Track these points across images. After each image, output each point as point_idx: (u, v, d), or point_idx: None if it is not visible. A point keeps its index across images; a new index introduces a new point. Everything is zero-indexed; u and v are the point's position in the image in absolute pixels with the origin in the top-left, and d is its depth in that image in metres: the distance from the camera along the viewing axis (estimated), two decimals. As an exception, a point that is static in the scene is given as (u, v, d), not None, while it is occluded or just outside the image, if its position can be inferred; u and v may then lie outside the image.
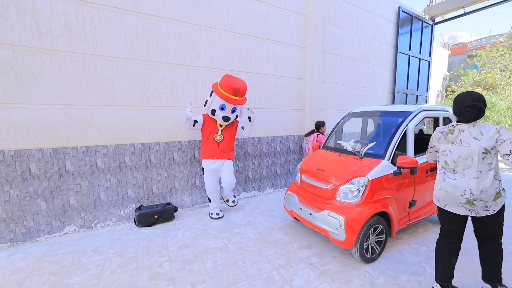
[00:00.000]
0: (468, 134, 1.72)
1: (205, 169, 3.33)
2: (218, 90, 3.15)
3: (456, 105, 1.77)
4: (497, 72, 14.01)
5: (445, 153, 1.83)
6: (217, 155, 3.31)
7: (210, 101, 3.20)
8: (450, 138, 1.81)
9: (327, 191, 2.52)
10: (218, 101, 3.16)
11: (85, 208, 3.02)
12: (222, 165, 3.38)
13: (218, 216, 3.44)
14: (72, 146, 2.89)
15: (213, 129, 3.30)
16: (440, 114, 2.95)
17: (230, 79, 3.17)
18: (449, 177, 1.81)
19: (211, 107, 3.22)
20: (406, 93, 6.82)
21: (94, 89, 2.96)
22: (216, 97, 3.16)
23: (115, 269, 2.30)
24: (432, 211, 3.00)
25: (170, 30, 3.35)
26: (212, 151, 3.29)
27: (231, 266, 2.36)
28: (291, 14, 4.41)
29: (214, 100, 3.18)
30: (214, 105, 3.19)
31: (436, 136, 1.92)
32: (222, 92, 3.13)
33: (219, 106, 3.17)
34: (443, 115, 2.99)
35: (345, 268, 2.33)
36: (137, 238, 2.90)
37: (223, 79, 3.20)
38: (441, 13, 6.87)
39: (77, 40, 2.80)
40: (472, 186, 1.68)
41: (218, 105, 3.17)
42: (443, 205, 1.88)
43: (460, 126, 1.78)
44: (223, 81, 3.17)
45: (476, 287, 2.09)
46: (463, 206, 1.76)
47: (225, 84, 3.13)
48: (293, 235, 2.96)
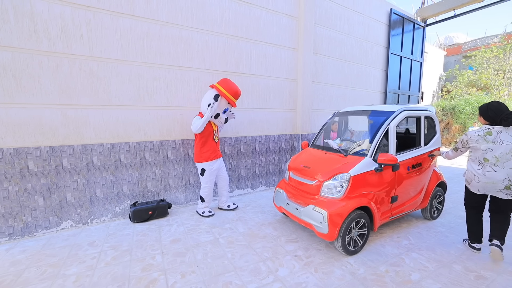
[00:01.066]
0: (506, 135, 2.21)
1: (207, 169, 3.37)
2: (226, 94, 3.29)
3: (496, 113, 2.25)
4: (491, 72, 14.19)
5: (487, 151, 2.27)
6: (218, 155, 3.50)
7: (217, 105, 3.26)
8: (490, 139, 2.26)
9: (312, 187, 2.64)
10: (224, 105, 3.36)
11: (82, 204, 3.14)
12: (220, 163, 3.56)
13: (211, 214, 3.54)
14: (69, 144, 3.00)
15: (211, 130, 3.39)
16: (422, 114, 3.08)
17: (234, 85, 3.37)
18: (488, 170, 2.28)
19: (216, 111, 3.31)
20: (398, 93, 6.96)
21: (90, 90, 3.07)
22: (222, 101, 3.31)
23: (109, 261, 2.42)
24: (415, 206, 3.13)
25: (164, 32, 3.46)
26: (215, 151, 3.43)
27: (220, 258, 2.48)
28: (283, 17, 4.53)
29: (220, 104, 3.31)
30: (219, 109, 3.34)
31: (474, 139, 2.34)
32: (230, 97, 3.32)
33: (223, 109, 3.39)
34: (425, 114, 3.12)
35: (329, 260, 2.45)
36: (132, 233, 3.01)
37: (227, 84, 3.31)
38: (433, 15, 7.02)
39: (74, 42, 2.91)
40: (510, 174, 2.20)
41: (222, 108, 3.38)
42: (483, 192, 2.39)
43: (496, 128, 2.25)
44: (229, 86, 3.30)
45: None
46: (502, 191, 2.26)
47: (233, 90, 3.32)
48: (282, 229, 3.09)
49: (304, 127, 4.95)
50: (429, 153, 3.17)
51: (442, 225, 3.23)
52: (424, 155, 3.11)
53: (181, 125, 3.74)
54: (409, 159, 2.91)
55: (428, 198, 3.20)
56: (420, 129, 3.11)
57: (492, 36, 17.30)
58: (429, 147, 3.18)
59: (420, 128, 3.11)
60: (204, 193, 3.48)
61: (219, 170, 3.56)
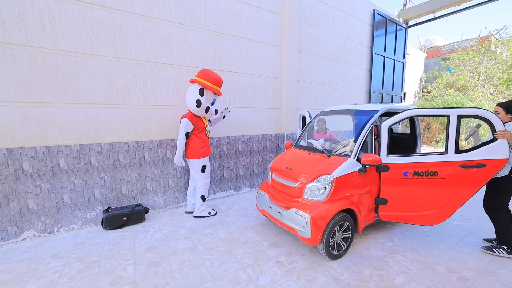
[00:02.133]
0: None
1: (207, 165, 3.36)
2: (210, 85, 3.14)
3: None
4: (467, 74, 14.84)
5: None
6: (210, 150, 3.44)
7: (204, 100, 3.13)
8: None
9: (295, 189, 2.54)
10: (210, 97, 3.23)
11: (46, 212, 2.86)
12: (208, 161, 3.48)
13: (214, 213, 3.51)
14: (30, 146, 2.72)
15: (203, 126, 3.29)
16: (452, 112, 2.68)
17: (213, 73, 3.20)
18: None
19: (205, 105, 3.17)
20: (382, 93, 7.05)
21: (55, 86, 2.80)
22: (208, 94, 3.17)
23: (74, 275, 2.19)
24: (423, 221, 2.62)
25: (139, 26, 3.24)
26: (208, 147, 3.39)
27: (197, 267, 2.32)
28: (267, 13, 4.41)
29: (207, 97, 3.18)
30: (208, 102, 3.20)
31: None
32: (214, 87, 3.18)
33: (211, 101, 3.26)
34: (459, 113, 2.64)
35: (312, 265, 2.36)
36: (103, 242, 2.78)
37: (207, 75, 3.16)
38: (414, 16, 7.16)
39: (34, 33, 2.63)
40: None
41: (210, 100, 3.24)
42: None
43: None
44: (208, 76, 3.15)
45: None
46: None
47: (213, 79, 3.17)
48: (265, 234, 2.97)
49: (289, 127, 4.86)
50: (465, 163, 2.40)
51: (425, 225, 3.23)
52: (447, 164, 2.44)
53: (159, 124, 3.52)
54: (408, 163, 2.52)
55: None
56: (448, 132, 2.47)
57: (468, 40, 18.14)
58: (464, 156, 2.40)
59: (448, 131, 2.47)
60: (205, 190, 3.39)
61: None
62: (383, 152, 2.58)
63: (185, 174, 3.81)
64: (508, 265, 2.35)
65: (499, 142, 2.35)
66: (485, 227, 3.16)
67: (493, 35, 16.50)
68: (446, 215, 2.55)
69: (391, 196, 2.64)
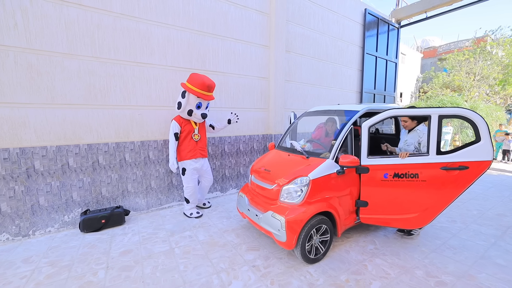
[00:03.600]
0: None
1: (187, 169, 3.31)
2: (192, 89, 3.14)
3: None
4: (463, 75, 14.84)
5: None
6: (197, 154, 3.36)
7: (185, 102, 3.15)
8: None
9: (272, 192, 2.48)
10: (194, 100, 3.18)
11: (21, 215, 2.80)
12: (203, 164, 3.47)
13: (199, 215, 3.46)
14: (2, 147, 2.66)
15: (190, 129, 3.31)
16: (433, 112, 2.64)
17: (201, 77, 3.20)
18: None
19: (186, 108, 3.18)
20: (374, 93, 7.00)
21: (29, 86, 2.74)
22: (191, 97, 3.16)
23: (41, 281, 2.13)
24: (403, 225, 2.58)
25: (119, 25, 3.18)
26: (192, 150, 3.31)
27: (170, 271, 2.26)
28: (253, 12, 4.36)
29: (189, 100, 3.17)
30: (190, 105, 3.18)
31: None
32: (197, 90, 3.15)
33: (195, 105, 3.20)
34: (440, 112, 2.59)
35: (288, 269, 2.30)
36: (78, 245, 2.72)
37: (193, 78, 3.19)
38: (406, 16, 7.13)
39: (6, 32, 2.57)
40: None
41: (194, 104, 3.19)
42: None
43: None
44: (194, 79, 3.17)
45: None
46: None
47: (198, 82, 3.15)
48: (245, 237, 2.91)
49: (277, 127, 4.81)
50: (446, 165, 2.34)
51: (409, 227, 3.18)
52: (428, 166, 2.38)
53: (141, 125, 3.47)
54: (388, 165, 2.47)
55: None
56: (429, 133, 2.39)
57: (464, 40, 18.16)
58: (446, 158, 2.36)
59: (429, 132, 2.39)
60: (188, 193, 3.38)
61: (204, 170, 3.51)
62: (363, 153, 2.53)
63: (168, 176, 3.75)
64: (489, 269, 2.30)
65: (482, 143, 2.28)
66: (469, 229, 3.12)
67: (488, 36, 16.52)
68: (428, 219, 2.50)
69: (371, 198, 2.58)
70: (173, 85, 3.65)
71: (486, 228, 3.13)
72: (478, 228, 3.13)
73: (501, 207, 3.88)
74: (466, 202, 4.06)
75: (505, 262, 2.41)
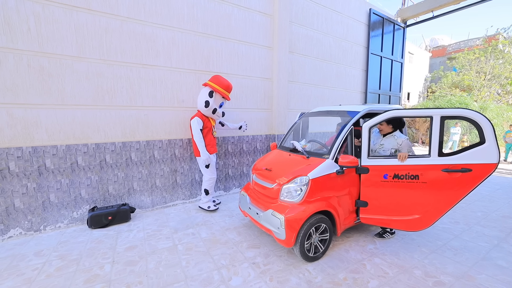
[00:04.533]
0: None
1: (212, 161, 3.62)
2: (219, 89, 3.49)
3: None
4: (473, 74, 14.52)
5: None
6: (216, 149, 3.74)
7: (212, 101, 3.45)
8: None
9: (272, 191, 2.54)
10: (219, 100, 3.54)
11: (33, 211, 2.93)
12: (214, 158, 3.78)
13: (216, 208, 3.69)
14: (16, 146, 2.79)
15: (210, 126, 3.59)
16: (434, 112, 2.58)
17: (225, 79, 3.58)
18: None
19: (213, 106, 3.48)
20: (379, 94, 6.96)
21: (41, 88, 2.87)
22: (217, 97, 3.49)
23: (52, 273, 2.24)
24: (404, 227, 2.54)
25: (125, 28, 3.29)
26: (214, 146, 3.68)
27: (173, 266, 2.34)
28: (257, 14, 4.42)
29: (216, 99, 3.49)
30: (215, 104, 3.51)
31: None
32: (223, 91, 3.52)
33: (219, 104, 3.56)
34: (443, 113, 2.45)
35: (287, 267, 2.35)
36: (86, 240, 2.83)
37: (218, 80, 3.52)
38: (412, 16, 7.05)
39: (20, 36, 2.71)
40: None
41: (218, 103, 3.55)
42: None
43: None
44: (220, 81, 3.52)
45: None
46: None
47: (224, 84, 3.54)
48: (246, 235, 2.97)
49: (280, 128, 4.85)
50: (448, 167, 2.30)
51: (411, 228, 3.17)
52: (429, 167, 2.36)
53: (146, 125, 3.57)
54: (388, 166, 2.47)
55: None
56: (431, 134, 2.37)
57: (475, 38, 17.74)
58: (448, 159, 2.32)
59: (431, 133, 2.37)
60: (210, 185, 3.64)
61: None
62: (363, 153, 2.55)
63: (172, 175, 3.85)
64: (489, 270, 2.30)
65: (487, 144, 2.21)
66: (472, 230, 3.09)
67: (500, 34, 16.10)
68: (429, 221, 2.46)
69: (371, 199, 2.60)
70: (177, 86, 3.74)
71: (489, 230, 3.10)
72: (481, 230, 3.10)
73: (507, 209, 3.82)
74: (471, 204, 4.01)
75: (507, 263, 2.40)
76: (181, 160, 3.90)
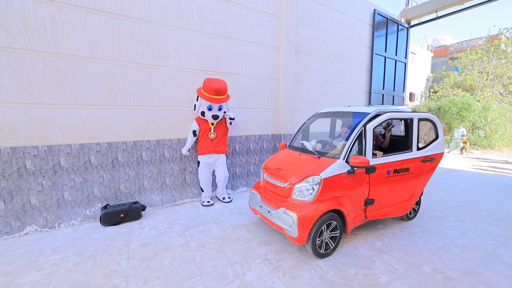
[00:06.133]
0: None
1: (201, 162, 3.76)
2: (202, 93, 3.57)
3: None
4: (475, 74, 14.53)
5: None
6: (211, 151, 3.77)
7: (198, 105, 3.62)
8: None
9: (284, 189, 2.59)
10: (204, 103, 3.59)
11: (48, 208, 3.00)
12: (217, 159, 3.84)
13: (209, 204, 3.86)
14: (32, 145, 2.86)
15: (207, 128, 3.74)
16: (414, 115, 3.00)
17: (210, 82, 3.56)
18: None
19: (200, 110, 3.64)
20: (383, 94, 7.01)
21: (56, 88, 2.94)
22: (202, 100, 3.58)
23: (70, 268, 2.31)
24: (402, 211, 3.03)
25: (137, 29, 3.35)
26: (206, 147, 3.75)
27: (187, 262, 2.40)
28: (264, 15, 4.47)
29: (201, 103, 3.60)
30: (202, 107, 3.62)
31: None
32: (206, 95, 3.55)
33: (206, 107, 3.60)
34: (419, 116, 3.04)
35: (299, 263, 2.41)
36: (100, 237, 2.90)
37: (204, 83, 3.59)
38: (416, 16, 7.09)
39: (37, 38, 2.77)
40: None
41: (205, 106, 3.60)
42: None
43: None
44: (205, 84, 3.58)
45: None
46: None
47: (206, 87, 3.55)
48: (256, 232, 3.03)
49: (286, 127, 4.91)
50: (424, 158, 3.02)
51: (417, 226, 3.23)
52: (415, 160, 2.96)
53: (157, 125, 3.63)
54: (390, 162, 2.78)
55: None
56: (412, 132, 2.98)
57: (477, 38, 17.73)
58: (424, 152, 3.04)
59: (412, 132, 2.98)
60: (201, 183, 3.85)
61: (216, 165, 3.86)
62: (368, 153, 2.64)
63: (182, 174, 3.91)
64: (497, 266, 2.35)
65: (440, 139, 3.14)
66: (478, 228, 3.14)
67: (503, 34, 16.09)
68: (412, 203, 3.10)
69: (377, 195, 2.77)
70: (187, 86, 3.80)
71: (495, 228, 3.15)
72: (487, 228, 3.16)
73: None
74: (476, 203, 4.07)
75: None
76: (190, 159, 3.97)
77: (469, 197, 4.37)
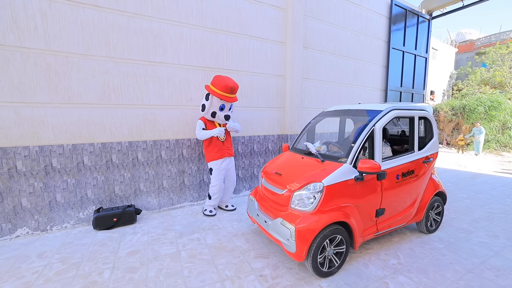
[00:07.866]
0: None
1: (215, 169, 3.37)
2: (215, 91, 3.19)
3: None
4: (506, 70, 13.37)
5: None
6: (225, 154, 3.42)
7: (209, 104, 3.24)
8: None
9: (282, 197, 2.31)
10: (217, 103, 3.23)
11: (39, 210, 2.91)
12: (229, 163, 3.49)
13: (212, 214, 3.47)
14: (23, 145, 2.77)
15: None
16: (415, 113, 2.68)
17: (224, 79, 3.22)
18: None
19: (210, 110, 3.26)
20: (400, 91, 6.49)
21: (48, 86, 2.83)
22: (214, 99, 3.22)
23: (50, 277, 2.16)
24: (408, 219, 2.74)
25: (132, 24, 3.19)
26: (220, 151, 3.38)
27: (174, 276, 2.18)
28: (269, 8, 4.19)
29: (213, 102, 3.23)
30: (213, 107, 3.25)
31: None
32: (220, 93, 3.19)
33: (218, 107, 3.26)
34: (419, 114, 2.72)
35: (298, 282, 2.11)
36: (90, 242, 2.76)
37: (216, 80, 3.23)
38: (439, 6, 6.50)
39: (27, 34, 2.67)
40: None
41: (217, 106, 3.25)
42: None
43: None
44: (218, 82, 3.21)
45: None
46: None
47: (221, 85, 3.18)
48: (254, 242, 2.76)
49: (293, 127, 4.59)
50: (425, 159, 2.77)
51: (440, 240, 2.82)
52: (418, 161, 2.71)
53: (153, 125, 3.46)
54: (399, 166, 2.52)
55: (424, 209, 2.80)
56: (413, 131, 2.70)
57: (508, 31, 16.34)
58: (423, 152, 2.78)
59: (413, 131, 2.70)
60: (213, 191, 3.42)
61: (228, 170, 3.51)
62: (377, 156, 2.30)
63: (180, 176, 3.72)
64: (541, 298, 1.93)
65: (435, 138, 2.92)
66: (515, 247, 2.68)
67: (538, 26, 14.69)
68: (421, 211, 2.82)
69: (387, 203, 2.48)
70: (185, 84, 3.61)
71: (536, 247, 2.67)
72: (526, 246, 2.69)
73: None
74: (510, 214, 3.55)
75: None
76: (189, 161, 3.77)
77: (503, 207, 3.83)
